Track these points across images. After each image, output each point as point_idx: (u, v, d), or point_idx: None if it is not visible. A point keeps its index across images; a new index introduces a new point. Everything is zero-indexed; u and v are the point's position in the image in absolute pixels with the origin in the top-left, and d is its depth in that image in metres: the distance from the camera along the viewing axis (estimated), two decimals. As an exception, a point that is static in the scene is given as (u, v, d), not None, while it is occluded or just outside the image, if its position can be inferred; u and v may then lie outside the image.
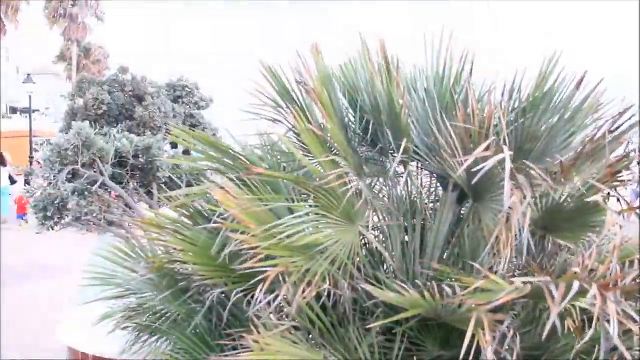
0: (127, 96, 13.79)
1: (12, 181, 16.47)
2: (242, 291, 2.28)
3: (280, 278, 2.02)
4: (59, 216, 4.53)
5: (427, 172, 2.78)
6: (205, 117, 14.96)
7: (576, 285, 1.73)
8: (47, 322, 6.98)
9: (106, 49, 51.99)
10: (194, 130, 10.66)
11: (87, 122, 4.75)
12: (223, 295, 2.46)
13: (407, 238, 2.61)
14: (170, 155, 5.26)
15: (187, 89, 14.57)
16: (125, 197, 4.87)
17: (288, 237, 2.01)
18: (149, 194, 5.11)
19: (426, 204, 2.79)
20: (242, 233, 2.09)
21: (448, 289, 1.90)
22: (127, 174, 4.93)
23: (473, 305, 1.83)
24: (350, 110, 2.80)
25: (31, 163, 23.85)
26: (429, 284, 2.00)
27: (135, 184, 5.06)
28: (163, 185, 5.07)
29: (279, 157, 2.76)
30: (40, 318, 7.49)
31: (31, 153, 24.85)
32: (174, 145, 9.94)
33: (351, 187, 2.19)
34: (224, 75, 53.82)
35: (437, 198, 2.80)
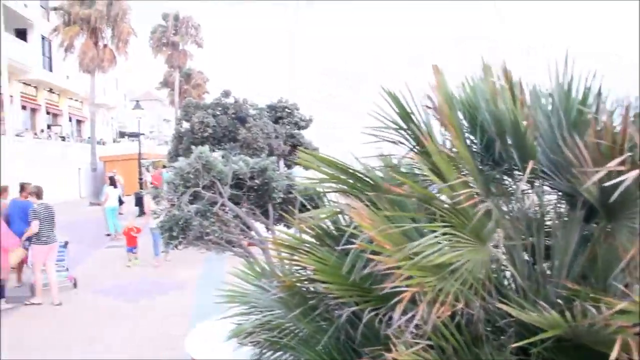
0: (230, 119, 14.26)
1: (121, 202, 17.48)
2: (373, 310, 2.33)
3: (416, 297, 2.05)
4: (183, 236, 4.77)
5: (549, 190, 2.73)
6: (305, 137, 15.24)
7: None
8: (169, 336, 7.35)
9: (205, 74, 54.35)
10: (294, 150, 10.85)
11: (207, 147, 4.99)
12: (352, 313, 2.52)
13: (528, 256, 2.58)
14: (283, 174, 5.40)
15: (287, 109, 14.87)
16: (243, 217, 5.05)
17: (423, 257, 2.04)
18: (265, 213, 5.28)
19: (551, 222, 2.74)
20: (374, 253, 2.15)
21: (593, 310, 1.87)
22: (244, 194, 5.12)
23: (618, 327, 1.79)
24: (470, 129, 2.80)
25: (140, 185, 25.18)
26: (572, 303, 1.97)
27: (251, 204, 5.26)
28: (277, 205, 5.25)
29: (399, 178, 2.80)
30: (160, 331, 7.89)
31: (140, 175, 26.17)
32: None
33: (481, 207, 2.20)
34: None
35: (561, 216, 2.73)
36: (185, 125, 15.13)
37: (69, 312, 9.19)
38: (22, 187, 10.66)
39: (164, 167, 32.78)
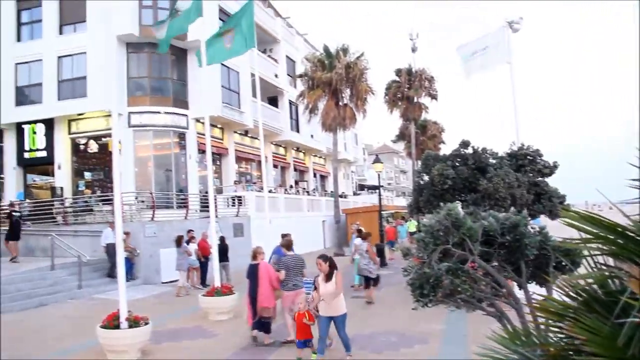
0: (469, 169, 14.07)
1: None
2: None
3: None
4: (433, 293, 4.76)
5: None
6: (550, 184, 14.41)
7: None
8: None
9: (440, 124, 54.80)
10: (540, 199, 10.17)
11: (458, 203, 4.99)
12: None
13: None
14: (536, 231, 5.15)
15: (528, 157, 14.27)
16: (495, 275, 4.91)
17: None
18: (516, 270, 5.07)
19: None
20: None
21: None
22: (495, 251, 4.99)
23: None
24: None
25: (381, 237, 25.90)
26: None
27: (502, 261, 5.09)
28: (530, 262, 5.02)
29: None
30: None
31: (381, 227, 26.93)
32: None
33: None
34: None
35: None
36: (425, 177, 15.29)
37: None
38: (283, 237, 12.35)
39: (403, 218, 33.43)
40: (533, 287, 5.30)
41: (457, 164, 14.52)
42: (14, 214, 20.36)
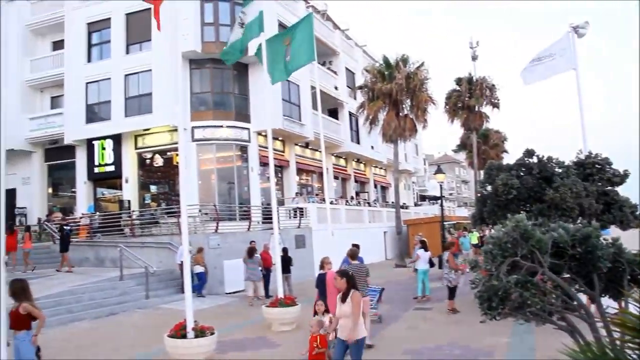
0: (534, 179, 13.72)
1: (431, 264, 17.97)
2: None
3: None
4: (502, 306, 4.68)
5: None
6: (621, 193, 13.82)
7: None
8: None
9: (503, 132, 53.82)
10: (610, 209, 9.86)
11: (524, 214, 4.90)
12: None
13: None
14: (609, 243, 4.98)
15: (597, 165, 13.76)
16: (565, 288, 4.78)
17: None
18: (588, 283, 4.93)
19: None
20: None
21: None
22: (565, 263, 4.86)
23: None
24: None
25: (443, 247, 25.56)
26: None
27: (572, 274, 4.95)
28: (602, 275, 4.86)
29: None
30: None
31: (443, 238, 26.58)
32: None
33: None
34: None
35: None
36: (488, 187, 14.99)
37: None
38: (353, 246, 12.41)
39: (465, 229, 32.87)
40: (606, 301, 5.14)
41: (522, 173, 14.18)
42: (64, 227, 21.86)
